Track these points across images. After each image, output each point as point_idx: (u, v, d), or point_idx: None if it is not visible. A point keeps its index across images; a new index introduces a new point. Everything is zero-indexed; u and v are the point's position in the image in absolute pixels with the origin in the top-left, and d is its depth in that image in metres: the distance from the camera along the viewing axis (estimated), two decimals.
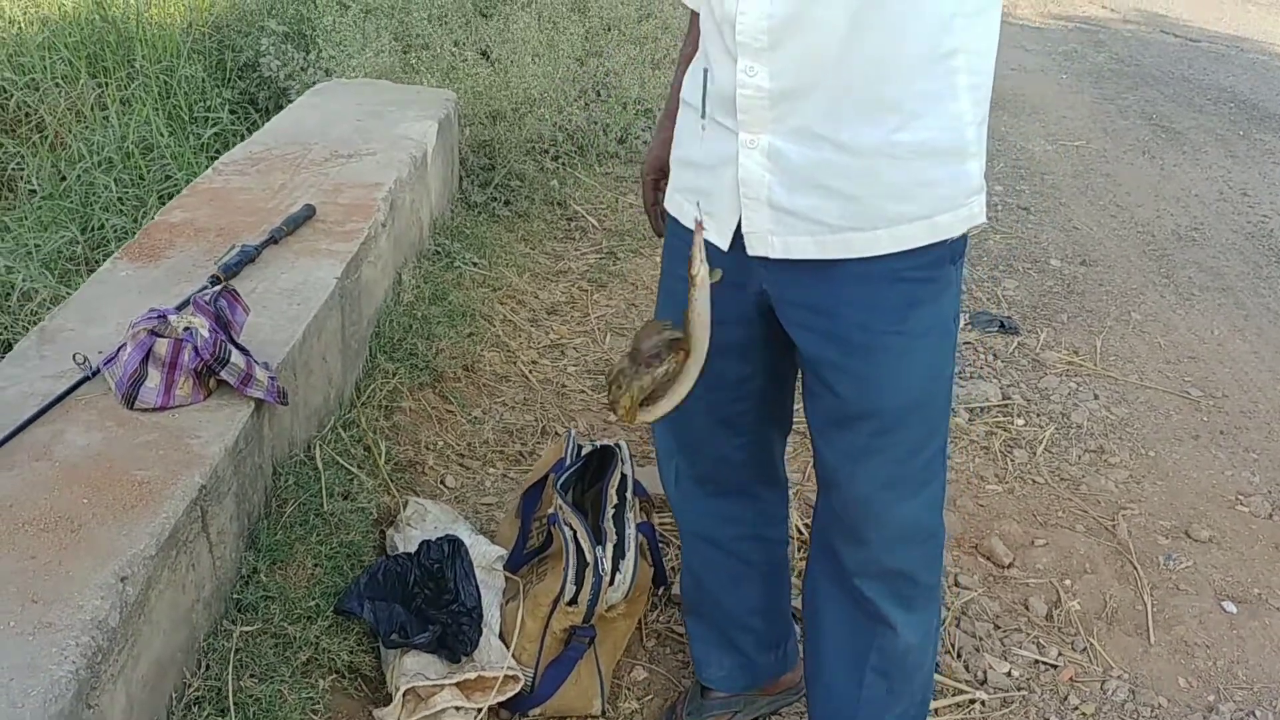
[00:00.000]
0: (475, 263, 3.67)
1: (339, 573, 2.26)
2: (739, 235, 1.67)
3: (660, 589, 2.55)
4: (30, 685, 1.50)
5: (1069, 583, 2.73)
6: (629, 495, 2.37)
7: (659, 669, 2.43)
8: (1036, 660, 2.48)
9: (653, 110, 5.35)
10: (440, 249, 3.62)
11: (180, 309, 2.18)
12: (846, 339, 1.65)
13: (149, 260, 2.60)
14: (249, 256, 2.58)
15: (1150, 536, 2.92)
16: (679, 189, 1.80)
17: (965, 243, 1.65)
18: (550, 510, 2.34)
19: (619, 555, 2.24)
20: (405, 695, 2.10)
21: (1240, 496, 3.13)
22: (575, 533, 2.22)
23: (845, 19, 1.46)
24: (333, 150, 3.33)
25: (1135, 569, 2.78)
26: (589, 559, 2.20)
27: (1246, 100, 7.22)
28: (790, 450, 2.81)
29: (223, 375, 2.07)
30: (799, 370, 1.83)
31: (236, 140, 3.96)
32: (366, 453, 2.63)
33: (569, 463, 2.42)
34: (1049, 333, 4.02)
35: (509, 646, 2.22)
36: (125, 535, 1.76)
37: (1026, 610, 2.63)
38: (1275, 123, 6.75)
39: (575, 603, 2.21)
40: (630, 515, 2.32)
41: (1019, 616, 2.61)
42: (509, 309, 3.64)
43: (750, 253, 1.66)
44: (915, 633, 1.88)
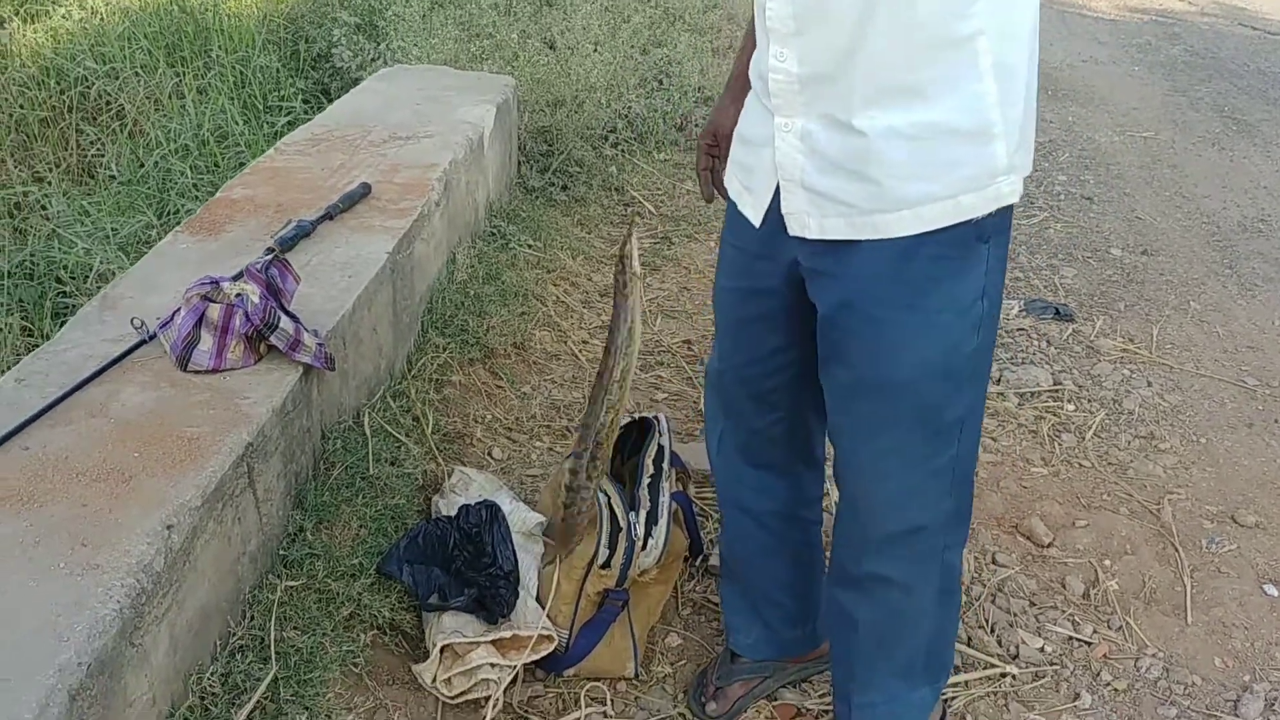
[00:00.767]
0: (530, 245, 3.74)
1: (383, 534, 2.34)
2: (771, 212, 1.74)
3: (697, 559, 2.60)
4: (76, 621, 1.58)
5: (1108, 563, 2.73)
6: (665, 466, 2.42)
7: (693, 636, 2.47)
8: (1070, 637, 2.50)
9: (713, 98, 5.39)
10: (496, 230, 3.69)
11: (235, 278, 2.27)
12: (860, 309, 1.68)
13: (209, 234, 2.70)
14: (305, 231, 2.67)
15: (1195, 521, 2.91)
16: (732, 161, 1.87)
17: (1002, 221, 1.65)
18: None
19: (652, 522, 2.30)
20: (443, 652, 2.17)
21: None
22: (610, 499, 2.28)
23: (859, 7, 1.50)
24: (391, 132, 3.42)
25: (1177, 551, 2.78)
26: (622, 524, 2.26)
27: None
28: None
29: (272, 340, 2.15)
30: None
31: None
32: (415, 422, 2.71)
33: None
34: (1105, 320, 4.00)
35: (544, 608, 2.29)
36: (173, 487, 1.85)
37: (1063, 589, 2.64)
38: None
39: (609, 566, 2.26)
40: (665, 485, 2.37)
41: (1055, 594, 2.63)
42: (562, 290, 3.70)
43: (790, 233, 1.71)
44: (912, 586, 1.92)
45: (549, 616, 2.28)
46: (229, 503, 1.95)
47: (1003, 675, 2.38)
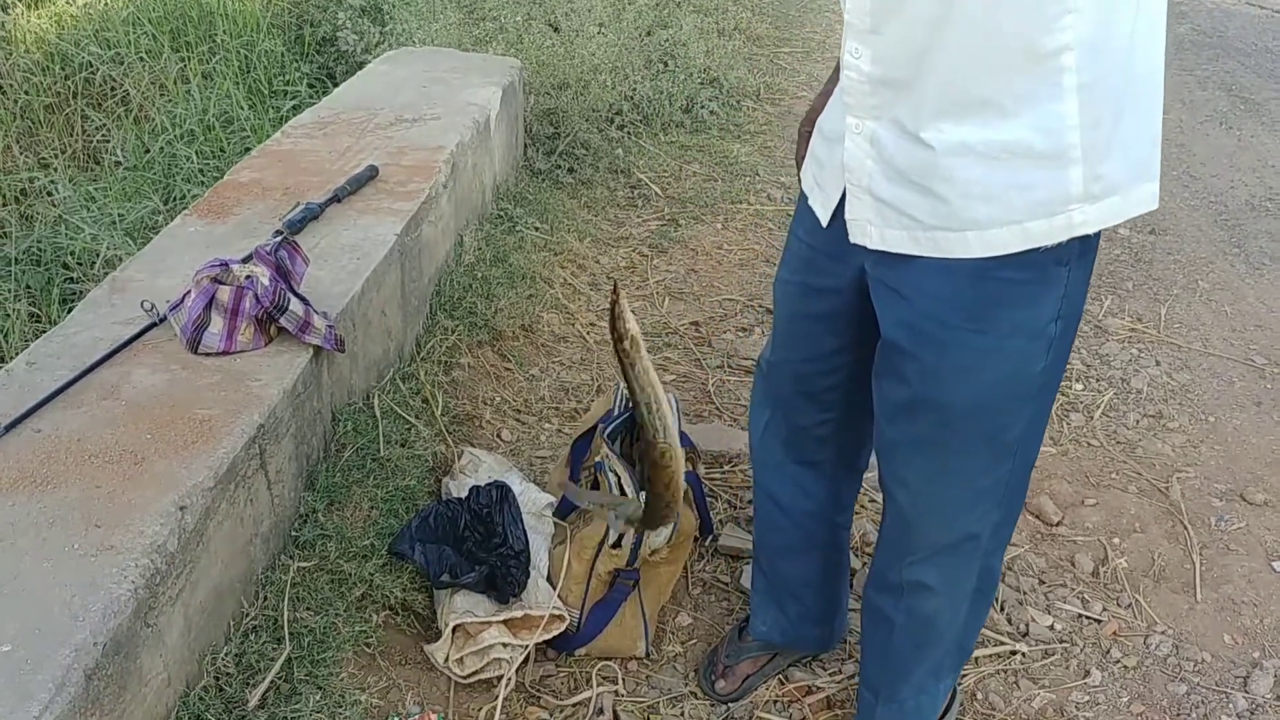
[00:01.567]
0: (537, 227, 3.74)
1: (394, 515, 2.35)
2: (839, 213, 1.67)
3: (707, 539, 2.61)
4: (91, 601, 1.59)
5: (1117, 541, 2.73)
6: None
7: (703, 616, 2.48)
8: (1080, 615, 2.50)
9: (719, 79, 5.39)
10: (503, 213, 3.69)
11: (245, 261, 2.27)
12: (920, 329, 1.61)
13: (217, 217, 2.70)
14: (313, 214, 2.67)
15: (1204, 499, 2.91)
16: (810, 153, 1.80)
17: (1085, 245, 1.54)
18: (597, 458, 2.41)
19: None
20: (454, 631, 2.18)
21: None
22: (620, 478, 2.28)
23: (939, 8, 1.41)
24: (398, 114, 3.41)
25: (1186, 529, 2.78)
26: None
27: None
28: None
29: (282, 322, 2.16)
30: None
31: None
32: (424, 404, 2.71)
33: (617, 413, 2.47)
34: (1113, 300, 3.99)
35: (555, 588, 2.29)
36: (185, 468, 1.85)
37: (1073, 566, 2.65)
38: None
39: (619, 546, 2.27)
40: None
41: (1065, 572, 2.63)
42: (569, 273, 3.70)
43: (850, 239, 1.65)
44: (946, 595, 1.91)
45: (560, 596, 2.29)
46: (241, 484, 1.95)
47: (1013, 653, 2.39)
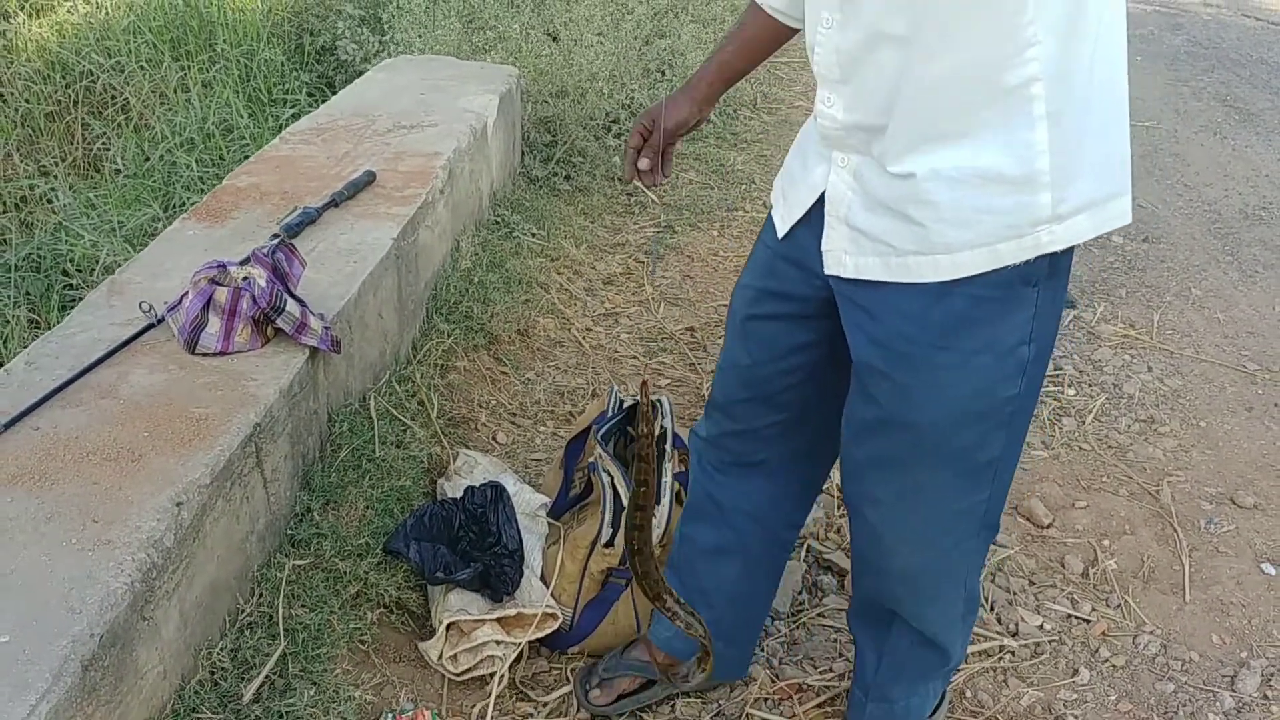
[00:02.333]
0: (534, 233, 3.77)
1: (389, 515, 2.37)
2: (800, 225, 1.73)
3: None
4: (88, 594, 1.61)
5: (1107, 543, 2.75)
6: (668, 447, 2.44)
7: None
8: (1069, 615, 2.52)
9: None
10: (500, 219, 3.72)
11: (242, 263, 2.30)
12: (890, 347, 1.64)
13: (215, 221, 2.73)
14: (310, 218, 2.70)
15: (1194, 502, 2.94)
16: (785, 166, 1.82)
17: (1055, 266, 1.57)
18: (591, 459, 2.43)
19: (654, 501, 2.32)
20: (448, 629, 2.20)
21: None
22: (613, 479, 2.31)
23: (902, 56, 1.47)
24: (396, 121, 3.44)
25: (1175, 532, 2.80)
26: (625, 503, 2.28)
27: None
28: None
29: (278, 323, 2.18)
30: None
31: None
32: (420, 407, 2.74)
33: (610, 414, 2.49)
34: (1106, 306, 4.02)
35: (549, 588, 2.31)
36: (182, 465, 1.88)
37: (1063, 568, 2.67)
38: None
39: (612, 545, 2.29)
40: (668, 465, 2.40)
41: (1054, 574, 2.65)
42: (565, 278, 3.73)
43: (825, 271, 1.67)
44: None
45: (553, 595, 2.31)
46: (237, 481, 1.98)
47: (1002, 649, 2.41)
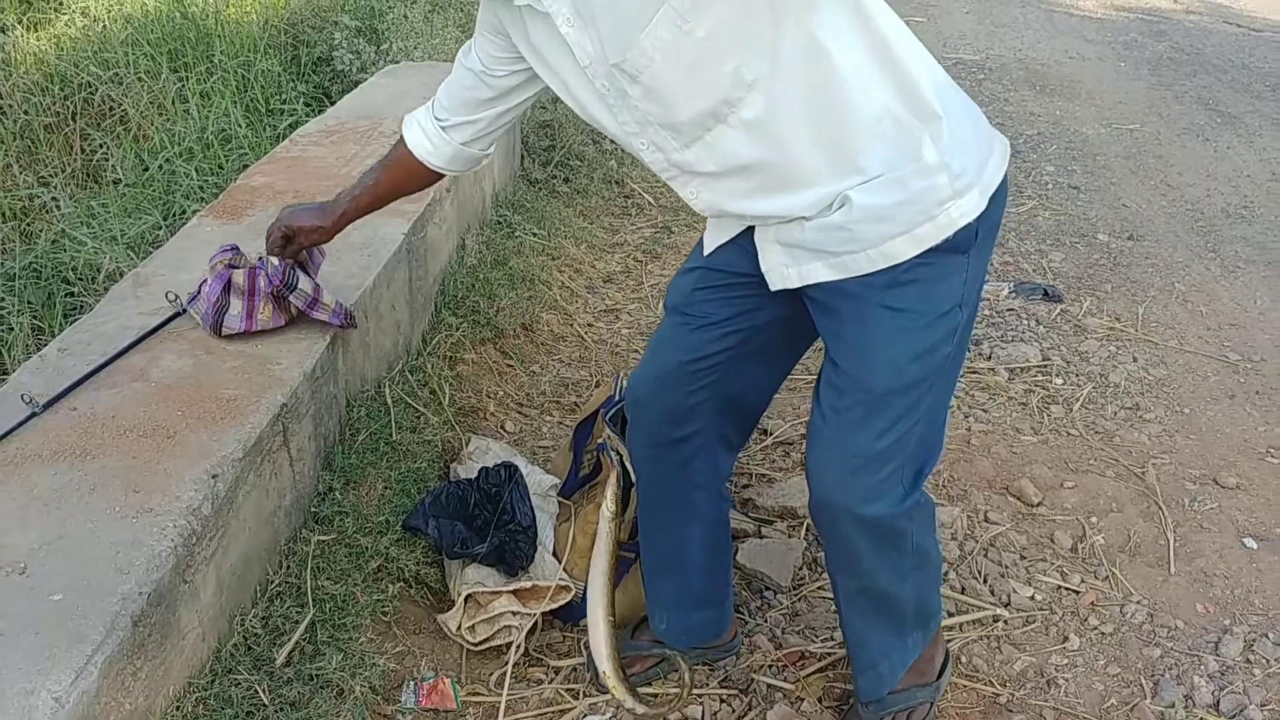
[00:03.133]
0: (535, 233, 3.87)
1: (406, 495, 2.47)
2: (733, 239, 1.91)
3: None
4: (135, 557, 1.71)
5: (1095, 520, 2.86)
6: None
7: None
8: (1059, 586, 2.62)
9: None
10: (502, 219, 3.83)
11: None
12: (839, 310, 1.80)
13: (231, 218, 2.83)
14: None
15: (1178, 482, 3.04)
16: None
17: (980, 237, 1.75)
18: (600, 440, 2.53)
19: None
20: (466, 601, 2.30)
21: (1271, 450, 3.22)
22: (621, 456, 2.40)
23: (749, 139, 1.67)
24: (400, 123, 3.53)
25: (1161, 509, 2.91)
26: (633, 479, 2.38)
27: None
28: None
29: (291, 299, 2.27)
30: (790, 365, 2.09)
31: None
32: (432, 395, 2.83)
33: (618, 398, 2.59)
34: (1092, 301, 4.13)
35: (561, 562, 2.41)
36: (215, 441, 1.98)
37: (1052, 543, 2.77)
38: None
39: (622, 518, 2.38)
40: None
41: (1044, 549, 2.75)
42: (566, 276, 3.83)
43: (772, 288, 1.84)
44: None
45: (565, 570, 2.40)
46: (267, 458, 2.07)
47: (995, 619, 2.51)
